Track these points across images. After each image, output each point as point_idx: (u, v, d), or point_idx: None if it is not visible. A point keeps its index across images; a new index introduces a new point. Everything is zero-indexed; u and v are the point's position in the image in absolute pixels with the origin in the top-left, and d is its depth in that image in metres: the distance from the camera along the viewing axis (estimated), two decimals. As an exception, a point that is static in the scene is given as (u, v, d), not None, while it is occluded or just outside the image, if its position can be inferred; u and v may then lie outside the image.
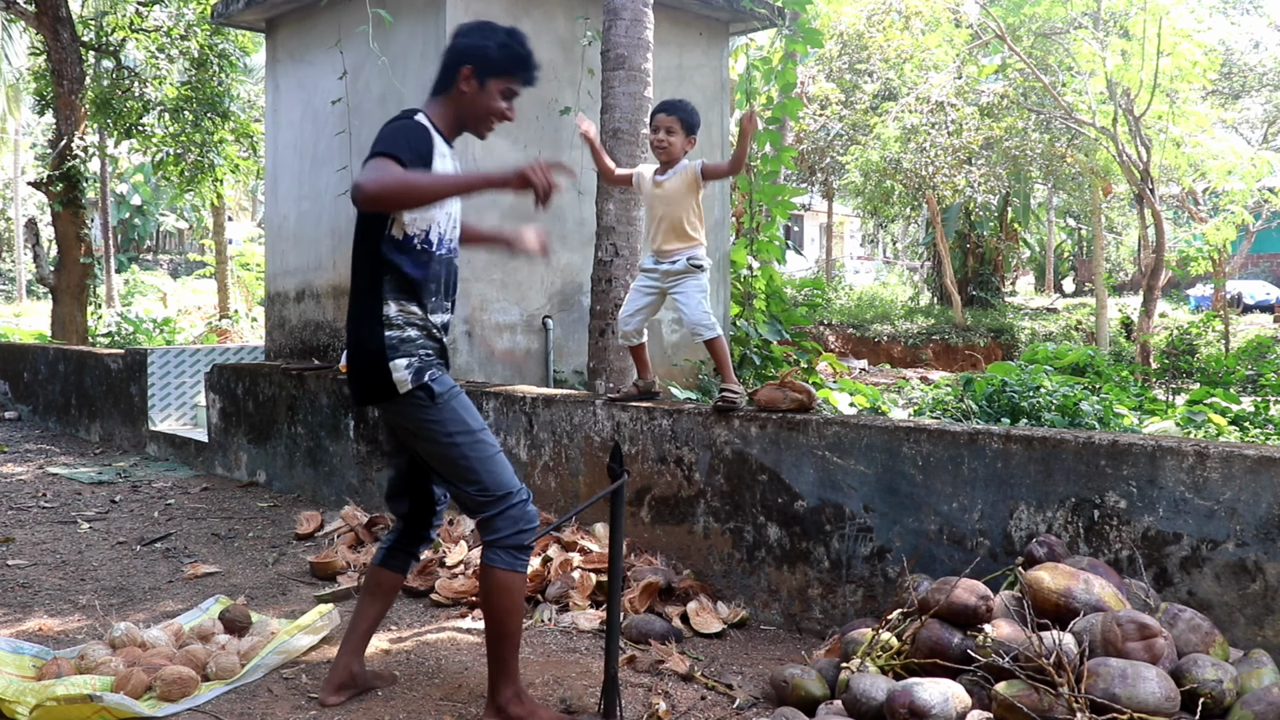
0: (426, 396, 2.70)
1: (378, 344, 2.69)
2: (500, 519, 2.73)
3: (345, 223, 6.97)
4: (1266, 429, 6.74)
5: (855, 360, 18.08)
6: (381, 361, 2.68)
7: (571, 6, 6.71)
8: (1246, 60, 22.72)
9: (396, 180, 2.48)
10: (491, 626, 2.76)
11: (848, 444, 3.59)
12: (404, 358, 2.69)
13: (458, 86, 2.75)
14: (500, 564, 2.72)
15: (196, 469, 7.29)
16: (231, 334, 17.10)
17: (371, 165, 2.53)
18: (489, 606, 2.75)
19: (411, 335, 2.71)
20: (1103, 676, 2.41)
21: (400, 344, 2.70)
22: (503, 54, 2.73)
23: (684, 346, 7.38)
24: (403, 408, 2.73)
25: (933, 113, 16.40)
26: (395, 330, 2.70)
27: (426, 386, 2.69)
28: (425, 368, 2.71)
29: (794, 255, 22.32)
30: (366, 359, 2.72)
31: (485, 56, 2.71)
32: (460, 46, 2.75)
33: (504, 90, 2.77)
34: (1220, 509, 2.86)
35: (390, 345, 2.69)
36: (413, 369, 2.69)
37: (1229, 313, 18.01)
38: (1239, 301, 24.16)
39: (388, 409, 2.78)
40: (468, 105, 2.76)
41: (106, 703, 2.86)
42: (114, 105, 13.17)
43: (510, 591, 2.73)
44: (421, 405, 2.70)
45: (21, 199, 31.14)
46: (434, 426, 2.71)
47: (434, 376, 2.71)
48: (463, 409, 2.75)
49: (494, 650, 2.78)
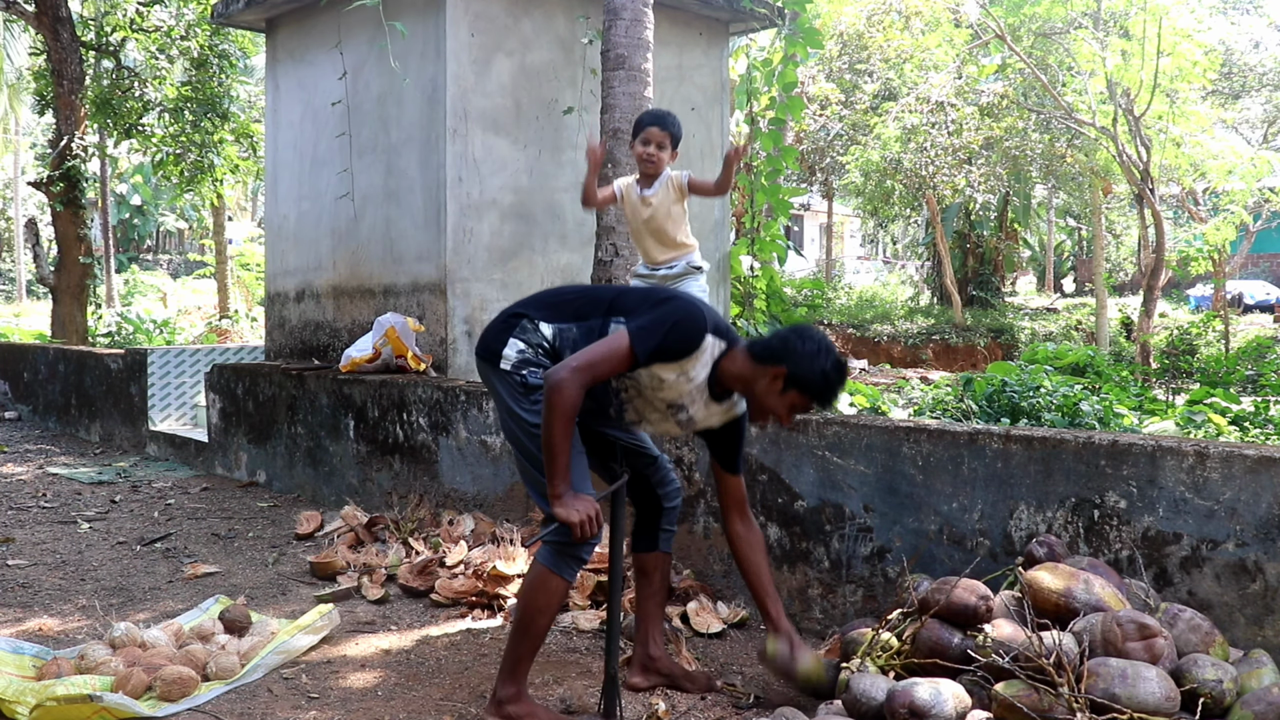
0: (520, 383, 2.79)
1: (515, 321, 2.86)
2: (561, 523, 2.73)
3: (345, 223, 6.98)
4: (1266, 429, 6.74)
5: (855, 360, 18.07)
6: (506, 333, 2.84)
7: (571, 6, 6.71)
8: (1246, 60, 22.71)
9: (560, 410, 2.60)
10: (519, 620, 2.77)
11: (848, 444, 3.59)
12: (523, 344, 2.82)
13: (766, 371, 2.71)
14: (549, 564, 2.73)
15: (196, 469, 7.29)
16: (231, 334, 17.10)
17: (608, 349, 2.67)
18: (524, 599, 2.77)
19: (540, 341, 2.83)
20: (1103, 676, 2.41)
21: (528, 334, 2.83)
22: (820, 383, 2.70)
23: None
24: (498, 380, 2.84)
25: (933, 113, 16.40)
26: (535, 329, 2.84)
27: (524, 377, 2.79)
28: (533, 364, 2.80)
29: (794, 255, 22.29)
30: (497, 322, 2.90)
31: (804, 374, 2.68)
32: (793, 348, 2.69)
33: (796, 404, 2.75)
34: (1220, 509, 2.86)
35: (521, 329, 2.83)
36: (523, 356, 2.80)
37: (1229, 313, 18.01)
38: (1239, 301, 24.16)
39: (487, 374, 2.90)
40: (759, 393, 2.74)
41: (106, 703, 2.86)
42: (114, 105, 13.17)
43: (549, 591, 2.73)
44: (514, 388, 2.80)
45: (21, 199, 31.14)
46: (521, 413, 2.78)
47: (534, 374, 2.79)
48: None
49: (513, 645, 2.77)
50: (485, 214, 6.31)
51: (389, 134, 6.62)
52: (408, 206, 6.46)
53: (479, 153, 6.27)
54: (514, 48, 6.49)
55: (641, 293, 2.87)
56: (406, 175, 6.47)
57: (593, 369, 2.63)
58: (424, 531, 4.77)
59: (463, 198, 6.21)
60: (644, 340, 2.65)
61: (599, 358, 2.64)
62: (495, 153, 6.35)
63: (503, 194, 6.39)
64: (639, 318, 2.70)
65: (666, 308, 2.71)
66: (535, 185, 6.50)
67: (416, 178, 6.39)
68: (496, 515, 4.77)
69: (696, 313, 2.72)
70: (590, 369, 2.63)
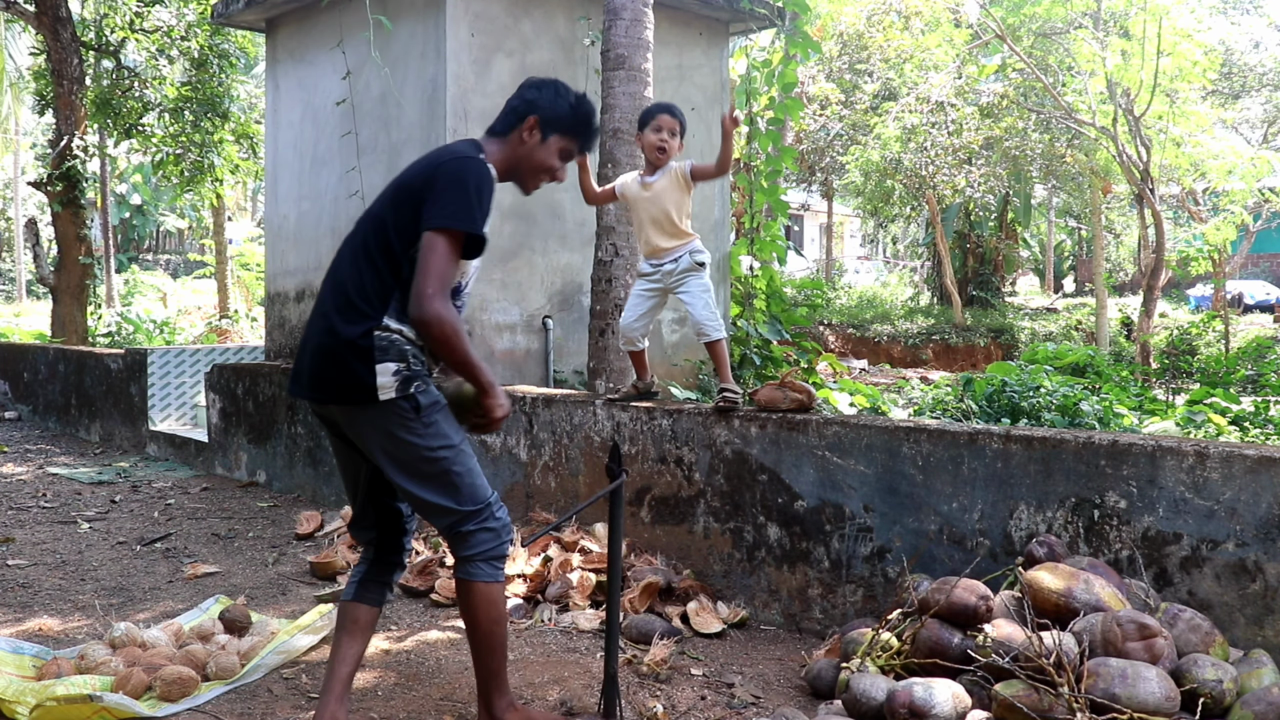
0: (411, 408, 2.51)
1: (366, 342, 2.49)
2: (481, 533, 2.60)
3: (345, 223, 6.97)
4: (1266, 429, 6.74)
5: (855, 360, 18.08)
6: (367, 360, 2.48)
7: (571, 6, 6.71)
8: (1246, 60, 22.72)
9: (450, 329, 2.43)
10: (479, 639, 2.65)
11: (848, 444, 3.59)
12: (394, 362, 2.50)
13: (519, 133, 2.70)
14: (483, 577, 2.60)
15: (196, 469, 7.29)
16: (231, 334, 17.08)
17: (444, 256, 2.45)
18: (475, 620, 2.63)
19: (404, 346, 2.54)
20: (1103, 676, 2.41)
21: (390, 346, 2.51)
22: (571, 115, 2.71)
23: (684, 346, 7.38)
24: (378, 416, 2.52)
25: (933, 113, 16.41)
26: (387, 334, 2.52)
27: (412, 398, 2.51)
28: (414, 378, 2.53)
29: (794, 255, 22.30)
30: (347, 353, 2.50)
31: (554, 113, 2.69)
32: (531, 97, 2.72)
33: (562, 150, 2.74)
34: (1220, 509, 2.86)
35: (380, 347, 2.50)
36: (400, 376, 2.50)
37: (1229, 313, 18.00)
38: (1239, 301, 24.14)
39: (355, 415, 2.56)
40: (525, 155, 2.72)
41: (106, 703, 2.86)
42: (114, 105, 13.17)
43: (495, 602, 2.63)
44: (403, 416, 2.51)
45: (21, 199, 31.13)
46: (414, 440, 2.53)
47: (420, 388, 2.53)
48: (446, 422, 2.59)
49: (484, 663, 2.67)
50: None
51: (389, 134, 6.62)
52: (408, 206, 6.46)
53: (478, 150, 6.28)
54: (514, 48, 6.49)
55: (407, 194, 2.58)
56: (406, 175, 6.47)
57: (444, 282, 2.45)
58: (424, 531, 4.77)
59: (463, 198, 6.20)
60: (469, 219, 2.48)
61: (439, 270, 2.44)
62: (495, 152, 6.35)
63: (502, 194, 6.34)
64: (439, 210, 2.48)
65: (452, 184, 2.50)
66: (535, 185, 6.50)
67: (416, 178, 6.39)
68: (496, 515, 4.77)
69: (474, 163, 2.56)
70: (444, 284, 2.45)
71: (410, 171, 2.64)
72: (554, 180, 2.80)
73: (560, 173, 2.78)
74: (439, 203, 2.49)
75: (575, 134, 2.74)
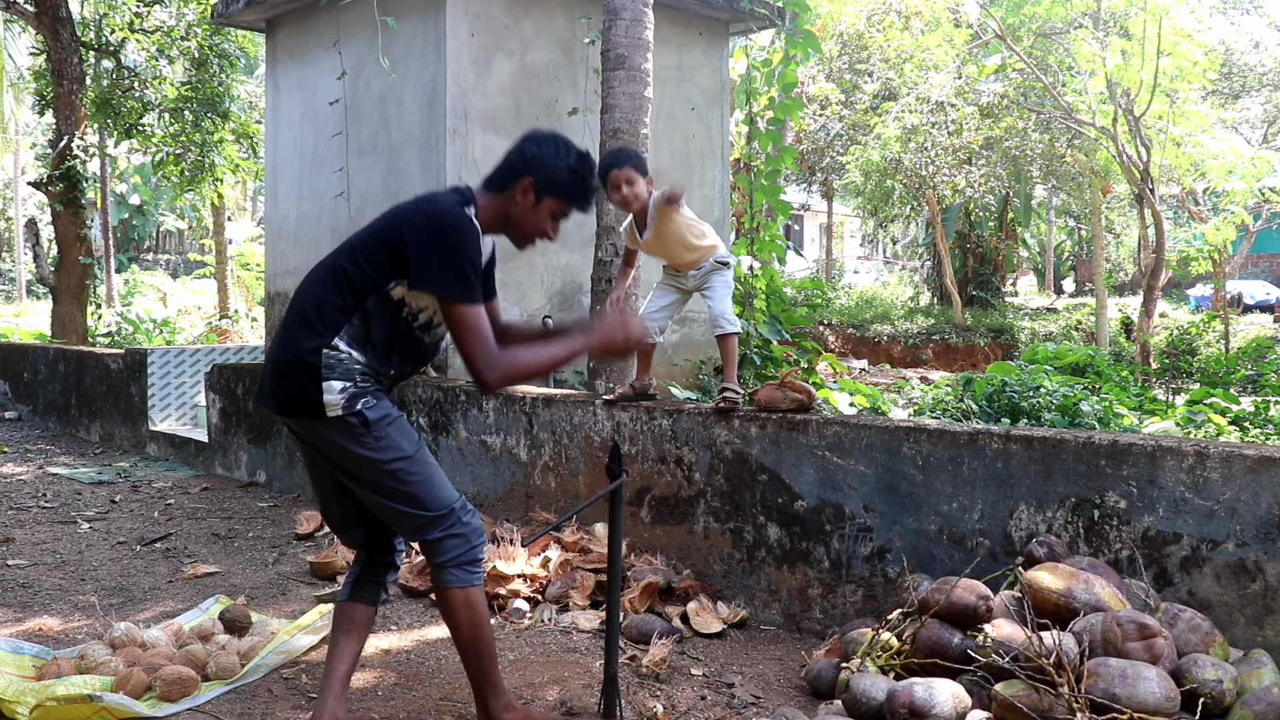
0: (360, 424, 2.51)
1: (314, 360, 2.50)
2: (449, 540, 2.58)
3: (345, 223, 6.98)
4: (1266, 429, 6.74)
5: (855, 360, 18.08)
6: (315, 377, 2.49)
7: (571, 6, 6.71)
8: (1246, 60, 22.72)
9: (520, 370, 2.50)
10: (464, 644, 2.64)
11: (848, 444, 3.59)
12: (340, 380, 2.50)
13: (513, 193, 2.63)
14: (457, 583, 2.58)
15: (196, 469, 7.29)
16: (231, 334, 17.08)
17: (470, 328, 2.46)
18: (457, 625, 2.61)
19: (351, 366, 2.53)
20: (1103, 676, 2.41)
21: (337, 364, 2.51)
22: (569, 179, 2.62)
23: (684, 346, 7.38)
24: (328, 431, 2.53)
25: (933, 113, 16.41)
26: (335, 353, 2.52)
27: (359, 414, 2.51)
28: (361, 394, 2.52)
29: (794, 255, 22.30)
30: (297, 369, 2.52)
31: (551, 176, 2.61)
32: (530, 155, 2.64)
33: (555, 211, 2.66)
34: (1220, 509, 2.86)
35: (327, 364, 2.50)
36: (347, 394, 2.50)
37: (1229, 313, 18.00)
38: (1239, 301, 24.14)
39: (310, 429, 2.57)
40: (516, 215, 2.65)
41: (106, 703, 2.86)
42: (114, 105, 13.17)
43: (475, 606, 2.61)
44: (354, 431, 2.52)
45: (21, 199, 31.13)
46: (368, 454, 2.53)
47: (368, 405, 2.52)
48: (399, 433, 2.57)
49: (473, 666, 2.66)
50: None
51: (389, 134, 6.62)
52: (408, 206, 6.46)
53: (479, 153, 6.28)
54: (514, 48, 6.49)
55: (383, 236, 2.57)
56: (407, 175, 6.47)
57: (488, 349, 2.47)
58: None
59: (463, 198, 6.20)
60: (466, 291, 2.46)
61: (479, 343, 2.47)
62: (495, 153, 6.30)
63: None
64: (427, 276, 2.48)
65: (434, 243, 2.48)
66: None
67: (416, 178, 6.39)
68: (496, 515, 4.77)
69: (452, 217, 2.51)
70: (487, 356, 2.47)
71: (392, 214, 2.61)
72: (546, 240, 2.72)
73: (553, 233, 2.70)
74: (434, 266, 2.48)
75: (571, 198, 2.65)
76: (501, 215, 2.66)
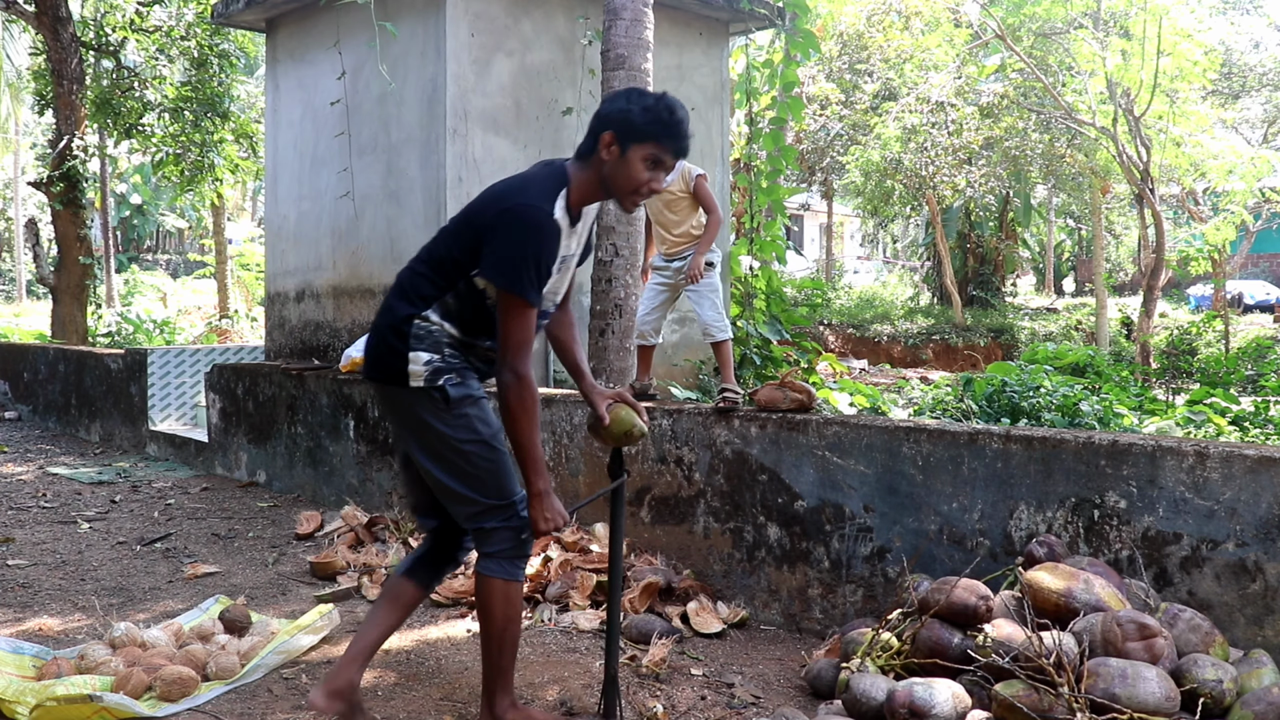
0: (441, 399, 2.57)
1: (406, 327, 2.57)
2: (503, 531, 2.62)
3: (345, 222, 6.98)
4: (1266, 429, 6.74)
5: (855, 360, 18.08)
6: (404, 343, 2.56)
7: (571, 6, 6.71)
8: (1246, 60, 22.71)
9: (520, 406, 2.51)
10: (491, 636, 2.66)
11: (848, 444, 3.59)
12: (427, 352, 2.57)
13: (599, 154, 2.56)
14: (502, 574, 2.62)
15: (196, 469, 7.29)
16: (231, 334, 17.08)
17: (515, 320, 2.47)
18: (490, 616, 2.64)
19: (441, 339, 2.60)
20: (1103, 676, 2.41)
21: (427, 336, 2.58)
22: (646, 118, 2.52)
23: (684, 346, 7.38)
24: (409, 401, 2.59)
25: (933, 113, 16.41)
26: (427, 324, 2.59)
27: (442, 389, 2.56)
28: (446, 370, 2.58)
29: (794, 255, 22.29)
30: (390, 334, 2.60)
31: (627, 121, 2.52)
32: (604, 112, 2.59)
33: (648, 158, 2.54)
34: (1220, 509, 2.86)
35: (416, 334, 2.57)
36: (431, 366, 2.56)
37: (1229, 313, 18.00)
38: (1239, 301, 24.14)
39: (390, 397, 2.63)
40: (608, 174, 2.57)
41: (106, 703, 2.86)
42: (114, 105, 13.17)
43: (513, 601, 2.64)
44: (434, 405, 2.57)
45: (21, 199, 31.13)
46: (443, 430, 2.58)
47: (452, 381, 2.58)
48: (478, 416, 2.61)
49: (493, 660, 2.69)
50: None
51: (389, 134, 6.62)
52: (408, 206, 6.46)
53: (479, 153, 6.28)
54: (514, 48, 6.49)
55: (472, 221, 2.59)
56: (407, 175, 6.47)
57: (523, 344, 2.49)
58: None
59: (463, 197, 6.20)
60: (520, 283, 2.45)
61: (515, 335, 2.49)
62: (495, 153, 6.34)
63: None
64: (492, 264, 2.49)
65: (505, 236, 2.48)
66: (535, 185, 6.50)
67: (417, 178, 6.39)
68: (496, 515, 4.77)
69: (529, 212, 2.48)
70: (522, 347, 2.49)
71: (485, 197, 2.64)
72: (652, 192, 2.60)
73: (655, 183, 2.58)
74: (500, 257, 2.48)
75: (656, 138, 2.53)
76: (595, 180, 2.60)
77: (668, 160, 2.58)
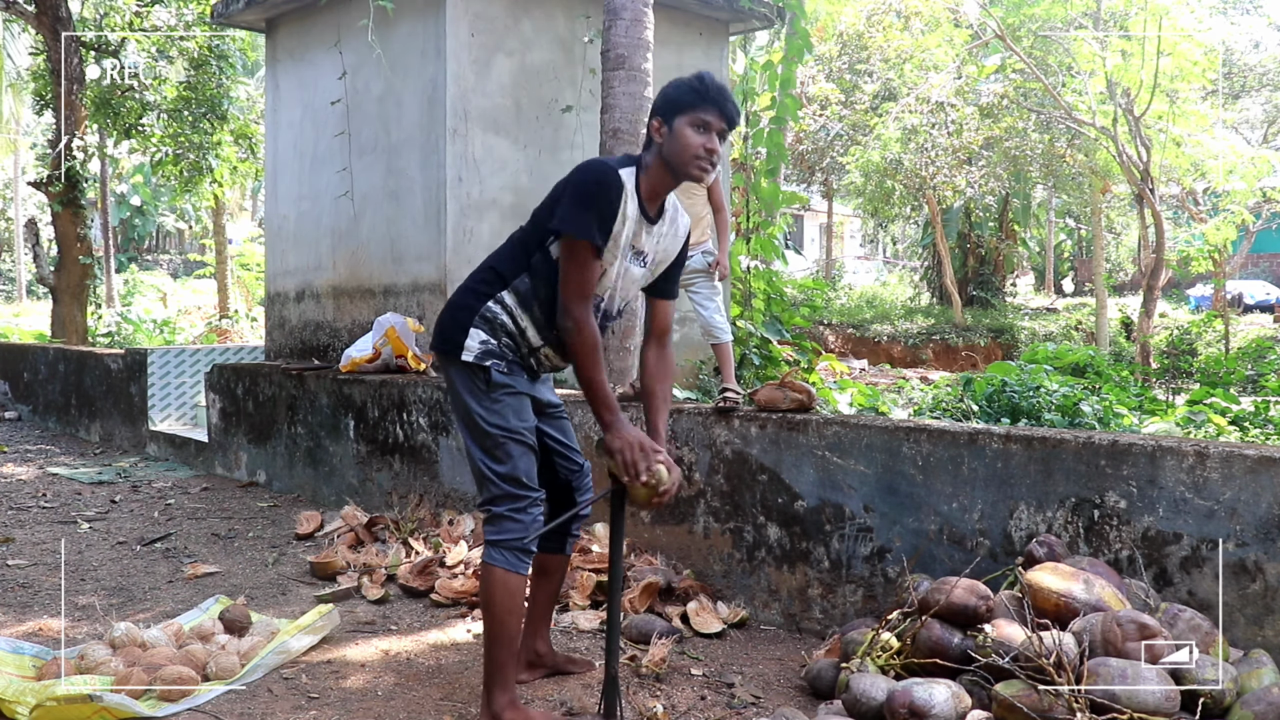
0: (484, 379, 2.71)
1: (476, 302, 2.73)
2: (510, 521, 2.70)
3: (345, 222, 6.98)
4: (1266, 429, 6.74)
5: (855, 360, 18.08)
6: (468, 317, 2.72)
7: (571, 6, 6.71)
8: (1246, 60, 22.72)
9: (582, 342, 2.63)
10: (492, 628, 2.71)
11: (848, 444, 3.59)
12: (485, 333, 2.72)
13: (654, 142, 2.69)
14: (505, 564, 2.69)
15: (196, 469, 7.29)
16: (231, 334, 17.08)
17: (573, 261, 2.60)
18: (490, 606, 2.70)
19: (506, 325, 2.73)
20: (1103, 676, 2.41)
21: (493, 319, 2.73)
22: (679, 90, 2.64)
23: (684, 346, 7.38)
24: (458, 373, 2.74)
25: (933, 113, 16.42)
26: (497, 308, 2.73)
27: (487, 370, 2.71)
28: (496, 355, 2.72)
29: (794, 255, 22.29)
30: (457, 307, 2.76)
31: (665, 99, 2.66)
32: (652, 105, 2.72)
33: (693, 123, 2.61)
34: (1220, 509, 2.86)
35: (482, 316, 2.72)
36: (485, 346, 2.71)
37: (1229, 313, 18.00)
38: (1239, 301, 24.14)
39: (446, 368, 2.79)
40: (667, 154, 2.66)
41: (106, 703, 2.86)
42: (114, 105, 13.16)
43: (513, 593, 2.69)
44: (475, 383, 2.72)
45: (21, 199, 31.13)
46: (478, 409, 2.72)
47: (499, 368, 2.72)
48: (513, 407, 2.74)
49: (492, 655, 2.72)
50: (485, 214, 6.31)
51: (389, 134, 6.62)
52: (408, 206, 6.47)
53: (479, 153, 6.28)
54: (514, 48, 6.49)
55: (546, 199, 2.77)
56: (406, 175, 6.47)
57: (582, 290, 2.61)
58: (424, 531, 4.77)
59: (463, 198, 6.21)
60: (581, 225, 2.57)
61: (574, 278, 2.60)
62: (495, 153, 6.35)
63: (503, 194, 6.39)
64: (559, 215, 2.63)
65: (571, 187, 2.63)
66: (535, 185, 6.50)
67: (416, 177, 6.39)
68: (496, 515, 4.77)
69: (595, 164, 2.65)
70: (580, 292, 2.61)
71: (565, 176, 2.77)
72: (711, 159, 2.64)
73: (710, 143, 2.62)
74: (565, 205, 2.62)
75: (695, 104, 2.61)
76: (661, 165, 2.69)
77: (714, 123, 2.64)
